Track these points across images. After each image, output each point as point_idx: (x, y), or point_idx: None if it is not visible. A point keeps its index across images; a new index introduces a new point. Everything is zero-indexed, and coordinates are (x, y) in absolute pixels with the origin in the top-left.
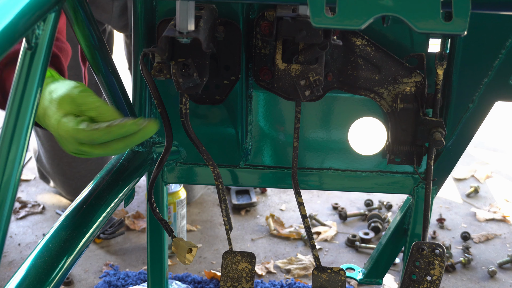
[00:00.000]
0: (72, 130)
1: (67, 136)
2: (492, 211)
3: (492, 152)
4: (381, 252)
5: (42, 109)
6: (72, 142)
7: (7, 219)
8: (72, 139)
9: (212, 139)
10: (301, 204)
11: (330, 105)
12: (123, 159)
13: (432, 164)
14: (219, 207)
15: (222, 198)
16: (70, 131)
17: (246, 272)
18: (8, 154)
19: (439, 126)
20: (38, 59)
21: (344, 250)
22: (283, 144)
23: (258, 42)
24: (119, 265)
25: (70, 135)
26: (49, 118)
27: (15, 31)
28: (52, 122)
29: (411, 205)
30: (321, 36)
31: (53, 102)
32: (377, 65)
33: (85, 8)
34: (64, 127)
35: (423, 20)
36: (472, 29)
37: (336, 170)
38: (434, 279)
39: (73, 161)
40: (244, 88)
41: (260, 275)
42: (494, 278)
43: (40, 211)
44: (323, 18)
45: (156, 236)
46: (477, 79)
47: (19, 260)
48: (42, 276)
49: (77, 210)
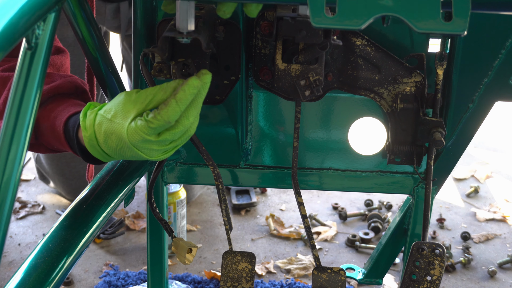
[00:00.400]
0: (144, 125)
1: (142, 135)
2: (492, 211)
3: (492, 152)
4: (381, 252)
5: (101, 135)
6: (151, 140)
7: (7, 219)
8: (149, 136)
9: (212, 139)
10: (301, 204)
11: (330, 105)
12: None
13: (432, 164)
14: (219, 207)
15: (222, 198)
16: (143, 127)
17: (246, 272)
18: (8, 154)
19: (439, 126)
20: (38, 59)
21: (344, 250)
22: (283, 144)
23: (258, 42)
24: (119, 265)
25: (144, 132)
26: (115, 135)
27: (15, 31)
28: (122, 135)
29: (411, 205)
30: (321, 36)
31: (116, 117)
32: (377, 65)
33: (85, 8)
34: (135, 129)
35: (423, 20)
36: (472, 29)
37: (336, 170)
38: (434, 279)
39: (72, 161)
40: (244, 88)
41: (260, 275)
42: (494, 278)
43: (40, 211)
44: (323, 18)
45: (156, 236)
46: (477, 79)
47: (19, 260)
48: (42, 276)
49: (77, 210)
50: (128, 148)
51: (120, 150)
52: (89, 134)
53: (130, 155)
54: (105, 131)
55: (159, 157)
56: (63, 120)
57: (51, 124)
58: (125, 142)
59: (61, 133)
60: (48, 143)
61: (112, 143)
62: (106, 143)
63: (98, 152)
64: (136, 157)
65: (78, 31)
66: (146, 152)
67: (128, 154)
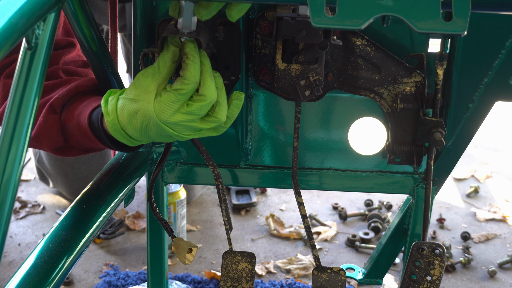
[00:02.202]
0: (172, 94)
1: (171, 105)
2: (492, 211)
3: (492, 152)
4: (381, 252)
5: (125, 117)
6: (180, 112)
7: (7, 219)
8: (179, 104)
9: (212, 139)
10: (301, 204)
11: (330, 105)
12: (123, 159)
13: (432, 164)
14: (219, 207)
15: (222, 198)
16: (171, 97)
17: (246, 272)
18: (8, 154)
19: (439, 126)
20: (38, 59)
21: (344, 250)
22: (283, 144)
23: (258, 42)
24: (119, 265)
25: (173, 101)
26: (140, 113)
27: (15, 31)
28: (148, 112)
29: (411, 205)
30: (321, 36)
31: (138, 95)
32: (377, 65)
33: (85, 8)
34: (163, 100)
35: (423, 20)
36: (472, 29)
37: (336, 170)
38: (434, 279)
39: (75, 162)
40: (244, 88)
41: (260, 275)
42: (494, 278)
43: (40, 211)
44: (323, 18)
45: (156, 236)
46: (477, 79)
47: (19, 260)
48: (42, 276)
49: (77, 210)
50: (155, 124)
51: (145, 129)
52: (111, 118)
53: (155, 133)
54: (128, 112)
55: (189, 135)
56: (87, 115)
57: (76, 121)
58: (152, 118)
59: (87, 127)
60: (77, 143)
61: (137, 122)
62: (131, 124)
63: (123, 136)
64: (162, 135)
65: (78, 31)
66: (174, 127)
67: (153, 132)
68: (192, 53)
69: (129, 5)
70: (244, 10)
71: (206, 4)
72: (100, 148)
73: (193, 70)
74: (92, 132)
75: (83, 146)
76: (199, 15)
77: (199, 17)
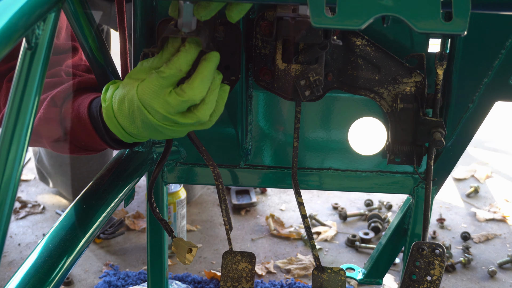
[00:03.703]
0: (155, 77)
1: (152, 87)
2: (492, 211)
3: (492, 152)
4: (381, 252)
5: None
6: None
7: (7, 219)
8: (160, 88)
9: (212, 139)
10: (301, 204)
11: (330, 105)
12: (123, 159)
13: (432, 164)
14: (219, 207)
15: (222, 198)
16: (153, 79)
17: (246, 272)
18: (8, 154)
19: (439, 126)
20: (38, 59)
21: (344, 250)
22: (283, 144)
23: (258, 42)
24: (119, 265)
25: (154, 83)
26: (127, 97)
27: (15, 31)
28: (133, 95)
29: (411, 205)
30: (321, 36)
31: (129, 83)
32: (377, 65)
33: (85, 8)
34: (145, 83)
35: (423, 20)
36: (472, 29)
37: (336, 170)
38: (434, 279)
39: (75, 162)
40: (244, 88)
41: (260, 275)
42: (494, 278)
43: (40, 211)
44: (323, 18)
45: (156, 236)
46: (477, 79)
47: (19, 260)
48: (42, 276)
49: (77, 210)
50: (138, 108)
51: (132, 115)
52: (107, 105)
53: (141, 121)
54: (119, 98)
55: (171, 127)
56: (86, 105)
57: (76, 113)
58: (135, 100)
59: (86, 117)
60: (75, 138)
61: (125, 108)
62: (120, 110)
63: (115, 126)
64: (147, 124)
65: (78, 31)
66: (155, 115)
67: (139, 120)
68: (190, 45)
69: (129, 5)
70: (244, 11)
71: (205, 4)
72: (96, 146)
73: (181, 58)
74: (91, 122)
75: (80, 142)
76: (199, 15)
77: (198, 18)
